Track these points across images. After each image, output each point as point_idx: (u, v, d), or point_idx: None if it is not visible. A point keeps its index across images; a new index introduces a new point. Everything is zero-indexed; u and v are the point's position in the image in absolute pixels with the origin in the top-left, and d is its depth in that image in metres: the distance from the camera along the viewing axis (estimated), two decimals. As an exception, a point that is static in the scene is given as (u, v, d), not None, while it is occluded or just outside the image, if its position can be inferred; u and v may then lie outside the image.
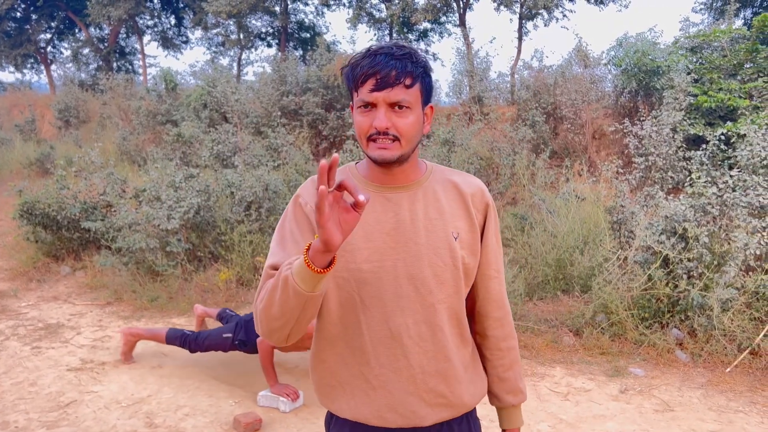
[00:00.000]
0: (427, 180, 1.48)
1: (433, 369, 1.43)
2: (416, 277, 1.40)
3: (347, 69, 1.39)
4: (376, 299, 1.40)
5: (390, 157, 1.35)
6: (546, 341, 4.77)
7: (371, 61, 1.33)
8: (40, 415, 3.64)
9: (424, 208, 1.44)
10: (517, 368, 1.61)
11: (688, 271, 4.64)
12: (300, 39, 22.05)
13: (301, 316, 1.28)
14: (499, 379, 1.59)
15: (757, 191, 4.84)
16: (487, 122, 10.26)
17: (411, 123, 1.35)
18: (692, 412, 3.74)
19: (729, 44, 9.48)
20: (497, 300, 1.56)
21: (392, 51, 1.34)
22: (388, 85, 1.31)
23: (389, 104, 1.33)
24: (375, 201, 1.43)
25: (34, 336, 5.01)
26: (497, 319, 1.57)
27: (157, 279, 6.07)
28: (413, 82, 1.34)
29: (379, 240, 1.40)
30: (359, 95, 1.35)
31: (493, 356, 1.59)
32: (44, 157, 12.30)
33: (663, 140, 7.97)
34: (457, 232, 1.45)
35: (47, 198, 6.85)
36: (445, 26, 19.14)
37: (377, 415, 1.43)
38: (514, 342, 1.60)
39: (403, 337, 1.41)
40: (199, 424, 3.56)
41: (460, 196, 1.49)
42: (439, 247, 1.42)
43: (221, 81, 12.11)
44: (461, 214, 1.47)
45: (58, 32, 24.82)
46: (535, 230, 6.29)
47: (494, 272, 1.55)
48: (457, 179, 1.51)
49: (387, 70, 1.31)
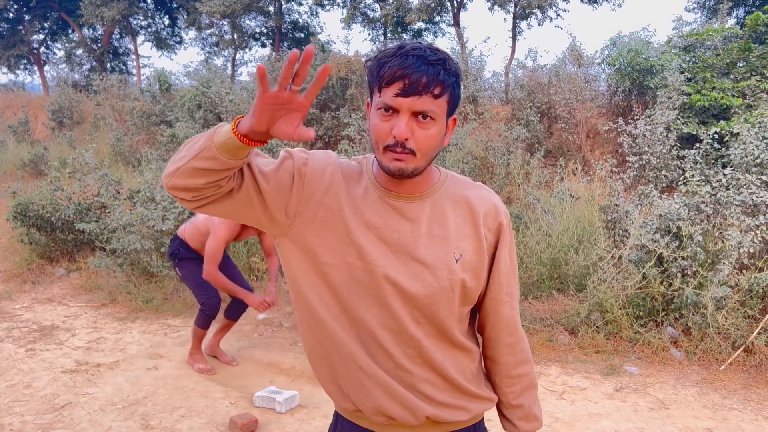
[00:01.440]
0: (438, 191, 1.38)
1: (424, 376, 1.37)
2: (406, 293, 1.32)
3: (373, 64, 1.26)
4: (363, 303, 1.33)
5: (405, 169, 1.25)
6: (541, 340, 4.79)
7: (402, 62, 1.20)
8: (35, 417, 3.63)
9: (428, 223, 1.34)
10: (530, 395, 1.52)
11: (682, 270, 4.66)
12: (294, 39, 22.03)
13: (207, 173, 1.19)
14: (510, 406, 1.51)
15: (751, 189, 4.87)
16: (482, 122, 10.28)
17: (432, 135, 1.24)
18: (687, 410, 3.75)
19: (722, 43, 9.52)
20: (509, 325, 1.46)
21: (426, 54, 1.21)
22: (416, 92, 1.20)
23: (413, 113, 1.22)
24: (378, 206, 1.34)
25: (29, 338, 5.00)
26: (508, 345, 1.47)
27: (152, 280, 6.06)
28: (442, 92, 1.22)
29: (375, 246, 1.32)
30: (382, 96, 1.23)
31: (503, 383, 1.50)
32: (38, 158, 12.26)
33: (657, 139, 8.00)
34: (460, 254, 1.35)
35: (41, 199, 6.83)
36: (439, 26, 19.19)
37: (375, 405, 1.36)
38: (527, 368, 1.50)
39: (389, 342, 1.34)
40: (195, 426, 3.55)
41: (470, 214, 1.38)
42: (438, 267, 1.33)
43: (215, 81, 12.09)
44: (468, 233, 1.37)
45: (51, 33, 24.75)
46: (530, 229, 6.30)
47: (506, 296, 1.44)
48: (471, 194, 1.40)
49: (417, 76, 1.19)
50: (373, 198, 1.34)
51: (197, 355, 4.38)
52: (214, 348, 4.53)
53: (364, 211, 1.33)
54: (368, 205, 1.34)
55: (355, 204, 1.34)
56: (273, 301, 4.18)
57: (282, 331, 5.22)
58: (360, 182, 1.37)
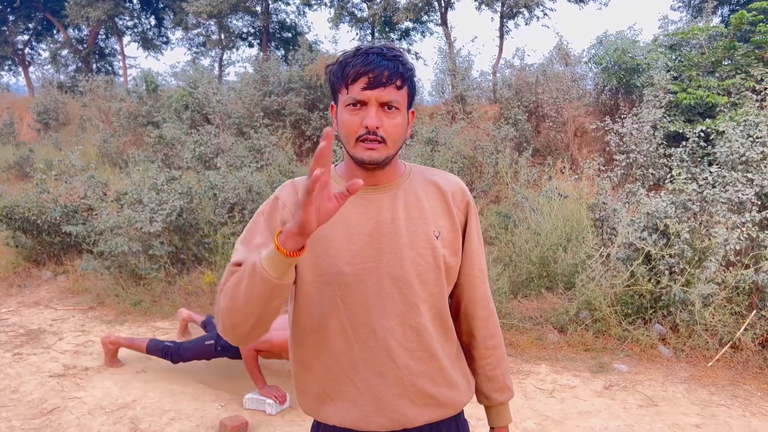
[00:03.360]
0: (407, 180, 1.47)
1: (419, 370, 1.42)
2: (399, 278, 1.39)
3: (334, 67, 1.38)
4: (359, 302, 1.39)
5: (377, 157, 1.34)
6: (531, 339, 4.80)
7: (364, 60, 1.32)
8: (22, 422, 3.60)
9: (404, 208, 1.43)
10: (503, 366, 1.61)
11: (669, 267, 4.69)
12: (281, 39, 21.96)
13: (266, 308, 1.24)
14: (486, 378, 1.59)
15: (737, 187, 4.91)
16: (470, 121, 10.30)
17: (398, 124, 1.35)
18: (675, 407, 3.78)
19: (707, 42, 9.60)
20: (483, 299, 1.56)
21: (383, 51, 1.34)
22: (381, 84, 1.31)
23: (380, 104, 1.33)
24: (356, 203, 1.41)
25: (15, 342, 4.95)
26: (483, 318, 1.56)
27: (140, 283, 6.02)
28: (403, 84, 1.35)
29: (360, 242, 1.39)
30: (350, 93, 1.33)
31: (480, 356, 1.58)
32: (23, 160, 12.15)
33: (644, 137, 8.05)
34: (438, 231, 1.44)
35: (27, 202, 6.76)
36: (426, 25, 19.18)
37: (366, 420, 1.41)
38: (499, 340, 1.60)
39: (388, 339, 1.39)
40: (185, 429, 3.53)
41: (440, 195, 1.48)
42: (421, 246, 1.41)
43: (203, 82, 12.04)
44: (442, 212, 1.46)
45: (36, 33, 24.51)
46: (518, 228, 6.32)
47: (478, 272, 1.54)
48: (437, 178, 1.51)
49: (380, 70, 1.31)
50: (350, 198, 1.37)
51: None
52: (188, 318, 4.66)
53: (342, 212, 1.40)
54: (346, 206, 1.39)
55: None
56: (284, 394, 3.84)
57: (272, 333, 5.20)
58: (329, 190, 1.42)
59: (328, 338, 1.41)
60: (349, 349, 1.40)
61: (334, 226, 1.39)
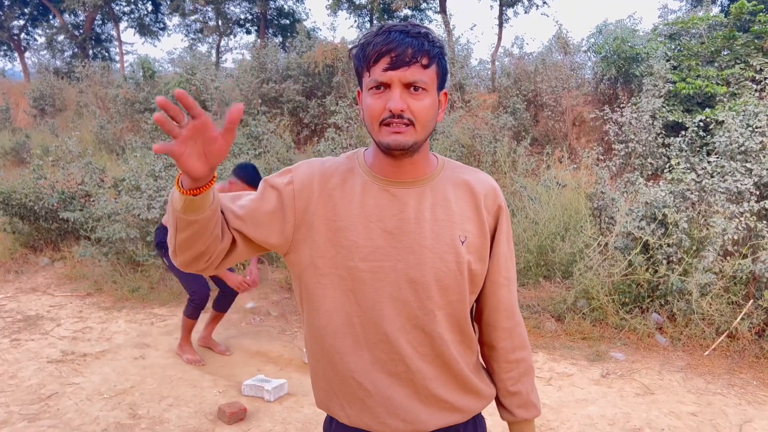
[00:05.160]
0: (438, 176, 1.36)
1: (433, 374, 1.35)
2: (417, 282, 1.29)
3: (357, 49, 1.27)
4: (372, 300, 1.30)
5: (404, 142, 1.23)
6: (528, 327, 4.82)
7: (385, 38, 1.21)
8: (20, 408, 3.60)
9: (431, 207, 1.32)
10: (527, 381, 1.48)
11: (667, 257, 4.70)
12: (279, 25, 21.85)
13: (196, 236, 1.22)
14: (508, 393, 1.47)
15: (735, 177, 4.91)
16: (469, 110, 10.28)
17: (427, 106, 1.24)
18: (672, 395, 3.80)
19: (707, 31, 9.57)
20: (507, 309, 1.45)
21: (407, 29, 1.23)
22: (404, 63, 1.20)
23: (405, 84, 1.21)
24: (379, 196, 1.31)
25: (13, 328, 4.95)
26: (506, 329, 1.45)
27: (138, 269, 6.01)
28: (430, 62, 1.23)
29: (380, 238, 1.29)
30: (372, 75, 1.23)
31: (501, 369, 1.47)
32: (20, 146, 12.09)
33: (642, 127, 8.05)
34: (465, 236, 1.33)
35: (24, 188, 6.74)
36: (425, 13, 19.10)
37: (378, 421, 1.34)
38: (525, 353, 1.47)
39: (401, 342, 1.31)
40: (183, 415, 3.54)
41: (472, 196, 1.36)
42: (445, 251, 1.31)
43: (200, 68, 11.98)
44: (471, 216, 1.35)
45: (32, 19, 24.31)
46: (516, 217, 6.32)
47: (504, 279, 1.43)
48: (470, 178, 1.39)
49: (403, 48, 1.20)
50: (373, 190, 1.32)
51: (186, 346, 4.35)
52: (207, 340, 4.52)
53: (363, 204, 1.31)
54: (369, 198, 1.31)
55: (352, 200, 1.32)
56: (253, 282, 4.19)
57: (270, 320, 5.21)
58: (354, 177, 1.34)
59: (336, 335, 1.34)
60: (358, 349, 1.33)
61: (354, 218, 1.31)
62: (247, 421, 3.47)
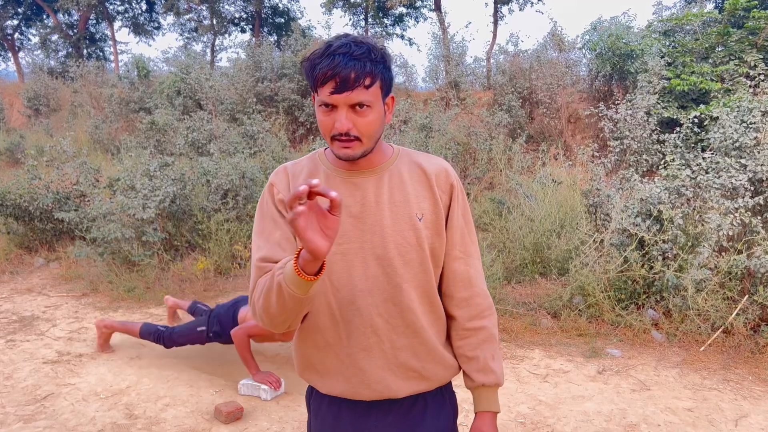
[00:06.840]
0: (393, 163, 1.51)
1: (403, 344, 1.48)
2: (383, 258, 1.44)
3: (306, 65, 1.38)
4: (344, 281, 1.45)
5: (353, 155, 1.38)
6: (524, 324, 4.82)
7: (330, 63, 1.31)
8: (16, 408, 3.59)
9: (389, 191, 1.47)
10: (487, 347, 1.57)
11: (663, 253, 4.71)
12: (274, 24, 21.80)
13: (301, 311, 1.33)
14: (466, 359, 1.57)
15: (730, 173, 4.92)
16: (464, 107, 10.28)
17: (371, 121, 1.37)
18: (668, 391, 3.81)
19: (701, 28, 9.59)
20: (462, 280, 1.55)
21: (351, 50, 1.32)
22: (347, 87, 1.31)
23: (350, 105, 1.34)
24: (342, 186, 1.46)
25: (8, 329, 4.93)
26: (463, 299, 1.56)
27: (134, 269, 6.00)
28: (372, 82, 1.34)
29: (346, 223, 1.44)
30: (320, 95, 1.35)
31: (458, 336, 1.57)
32: (14, 146, 12.06)
33: (637, 123, 8.06)
34: (421, 213, 1.48)
35: (18, 188, 6.71)
36: (420, 11, 19.09)
37: (352, 391, 1.50)
38: (485, 322, 1.57)
39: (373, 315, 1.45)
40: (180, 414, 3.54)
41: (424, 177, 1.50)
42: (404, 228, 1.46)
43: (195, 67, 11.97)
44: (426, 195, 1.50)
45: (26, 18, 24.22)
46: (512, 214, 6.33)
47: (459, 252, 1.55)
48: (422, 160, 1.53)
49: (346, 72, 1.30)
50: (336, 181, 1.47)
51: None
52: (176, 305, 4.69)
53: None
54: (333, 188, 1.45)
55: None
56: (277, 382, 3.78)
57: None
58: (319, 173, 1.49)
59: (314, 314, 1.48)
60: (335, 326, 1.47)
61: None
62: (244, 420, 3.47)
